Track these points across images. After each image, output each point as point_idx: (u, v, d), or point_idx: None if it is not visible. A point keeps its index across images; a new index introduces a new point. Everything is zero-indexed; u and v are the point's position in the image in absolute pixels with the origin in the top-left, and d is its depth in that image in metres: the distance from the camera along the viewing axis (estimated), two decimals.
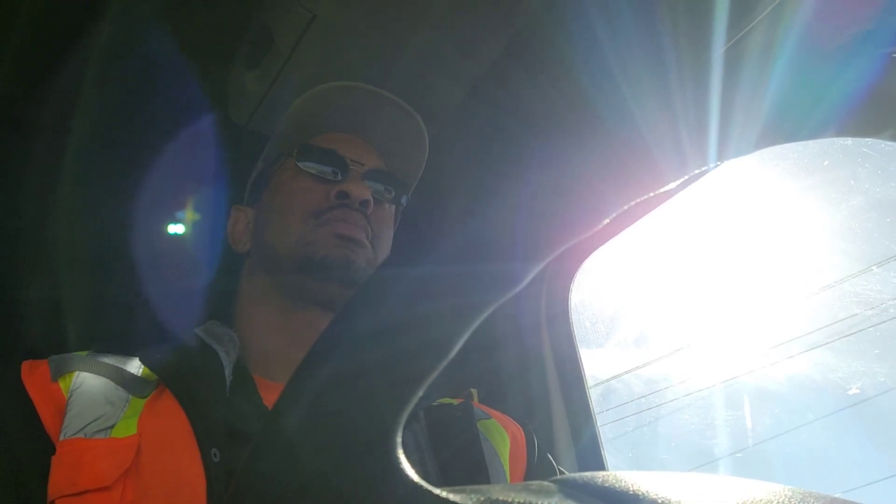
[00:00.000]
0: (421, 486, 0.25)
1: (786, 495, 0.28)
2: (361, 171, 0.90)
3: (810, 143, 1.15)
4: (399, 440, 0.26)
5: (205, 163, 1.12)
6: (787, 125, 0.27)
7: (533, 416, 1.22)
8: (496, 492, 0.25)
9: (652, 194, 0.29)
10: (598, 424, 1.23)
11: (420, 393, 0.27)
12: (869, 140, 1.01)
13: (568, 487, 0.27)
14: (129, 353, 0.79)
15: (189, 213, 1.15)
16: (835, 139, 1.08)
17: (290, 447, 0.26)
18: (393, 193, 0.94)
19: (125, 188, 1.11)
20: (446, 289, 0.27)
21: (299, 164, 0.89)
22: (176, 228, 1.13)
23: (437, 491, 0.25)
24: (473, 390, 0.95)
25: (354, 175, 0.89)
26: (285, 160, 0.92)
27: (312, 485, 0.25)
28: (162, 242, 1.13)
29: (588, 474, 0.29)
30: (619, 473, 0.28)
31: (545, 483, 0.28)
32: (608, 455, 1.22)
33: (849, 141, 1.10)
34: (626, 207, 0.29)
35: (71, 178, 1.06)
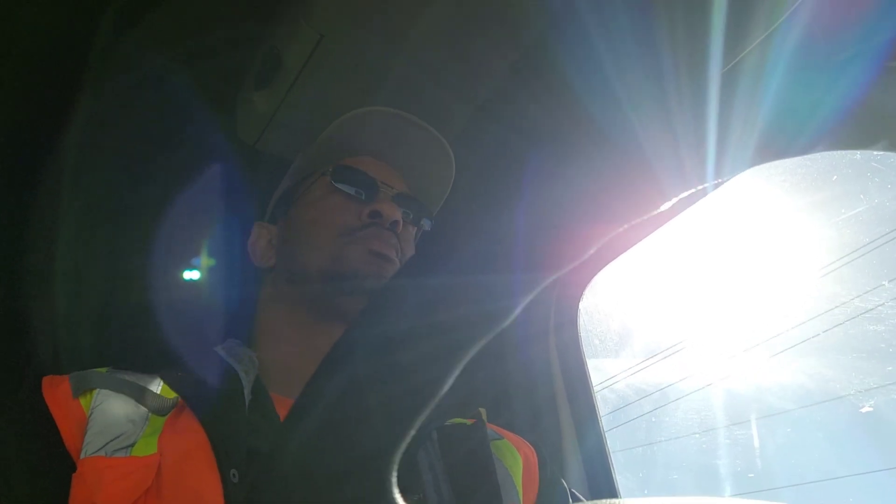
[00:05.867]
0: None
1: None
2: (391, 193, 0.92)
3: (819, 158, 1.14)
4: (395, 468, 0.26)
5: (215, 182, 1.13)
6: (790, 139, 0.27)
7: (539, 424, 1.22)
8: None
9: (661, 209, 0.29)
10: (606, 432, 1.22)
11: (431, 405, 0.27)
12: (878, 154, 1.01)
13: None
14: (147, 370, 0.79)
15: (201, 236, 1.16)
16: (843, 153, 1.07)
17: (295, 463, 0.26)
18: (415, 216, 0.96)
19: (139, 207, 1.12)
20: (455, 302, 0.27)
21: (334, 184, 0.91)
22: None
23: None
24: (482, 409, 0.95)
25: (385, 197, 0.91)
26: (318, 179, 0.94)
27: (315, 500, 0.25)
28: (178, 264, 1.13)
29: None
30: (621, 502, 0.28)
31: None
32: (618, 475, 1.21)
33: (857, 155, 1.10)
34: (633, 222, 0.29)
35: (86, 196, 1.07)
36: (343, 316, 0.86)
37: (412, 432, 0.26)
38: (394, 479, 0.26)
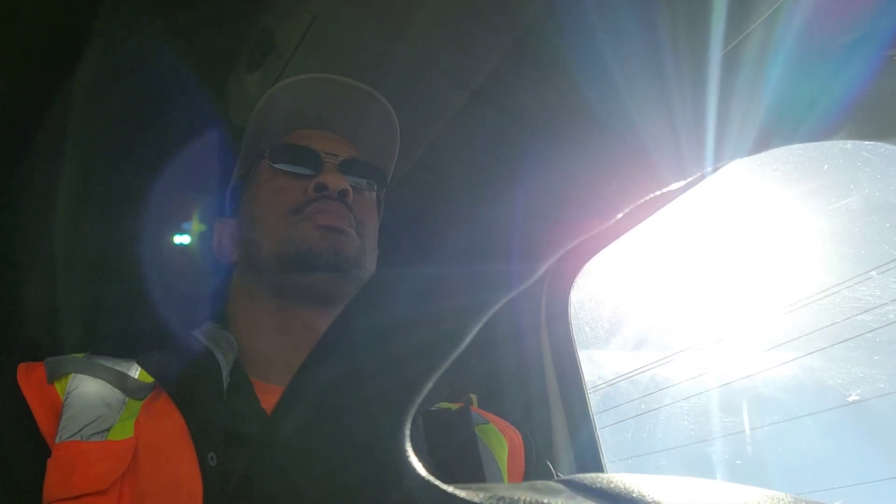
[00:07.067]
0: (430, 482, 0.25)
1: (787, 502, 0.28)
2: (336, 162, 0.90)
3: (810, 147, 1.15)
4: (407, 438, 0.26)
5: (206, 165, 1.12)
6: (788, 128, 0.27)
7: (531, 417, 1.23)
8: (503, 490, 0.25)
9: (653, 195, 0.29)
10: (597, 427, 1.23)
11: (423, 394, 0.27)
12: (868, 143, 1.01)
13: (574, 487, 0.27)
14: (125, 355, 0.78)
15: (190, 217, 1.15)
16: (834, 143, 1.08)
17: (288, 452, 0.26)
18: (370, 181, 0.93)
19: (126, 191, 1.11)
20: (448, 290, 0.27)
21: (274, 165, 0.89)
22: (182, 239, 1.13)
23: (445, 487, 0.25)
24: (473, 395, 0.95)
25: (329, 167, 0.89)
26: (259, 164, 0.92)
27: (311, 489, 0.25)
28: (162, 247, 1.13)
29: (593, 475, 0.29)
30: (624, 475, 0.28)
31: (550, 483, 0.28)
32: (606, 462, 1.22)
33: (848, 144, 1.10)
34: (627, 210, 0.29)
35: (72, 181, 1.06)
36: (309, 296, 0.84)
37: (409, 419, 0.26)
38: (408, 453, 0.26)
